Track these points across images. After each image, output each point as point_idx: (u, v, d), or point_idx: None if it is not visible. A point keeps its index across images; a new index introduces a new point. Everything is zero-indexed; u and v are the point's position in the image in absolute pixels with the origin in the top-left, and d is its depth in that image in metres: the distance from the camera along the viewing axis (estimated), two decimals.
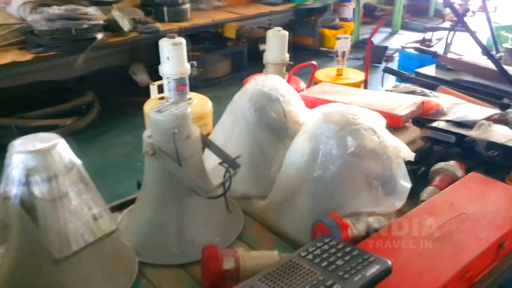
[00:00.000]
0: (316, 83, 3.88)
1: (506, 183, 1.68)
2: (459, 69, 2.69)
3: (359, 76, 4.19)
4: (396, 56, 5.80)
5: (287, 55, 3.58)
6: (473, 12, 8.00)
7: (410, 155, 1.50)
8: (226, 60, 5.90)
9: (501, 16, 7.32)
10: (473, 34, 2.46)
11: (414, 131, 1.96)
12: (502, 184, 1.60)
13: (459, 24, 4.07)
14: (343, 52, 4.07)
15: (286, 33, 3.53)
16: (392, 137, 1.50)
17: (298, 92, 2.02)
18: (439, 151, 1.95)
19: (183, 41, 3.27)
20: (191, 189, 1.31)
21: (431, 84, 2.63)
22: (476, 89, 2.48)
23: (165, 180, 1.33)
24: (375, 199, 1.43)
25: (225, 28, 6.29)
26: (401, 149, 1.48)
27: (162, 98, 3.50)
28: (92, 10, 3.97)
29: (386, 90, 2.40)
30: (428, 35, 4.83)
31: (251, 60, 5.96)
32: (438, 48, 4.89)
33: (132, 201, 1.55)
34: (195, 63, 3.50)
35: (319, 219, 1.34)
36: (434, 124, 2.00)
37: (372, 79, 5.87)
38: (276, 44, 3.50)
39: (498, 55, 3.27)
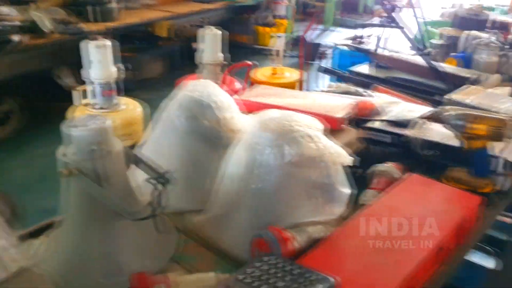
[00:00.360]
0: (252, 83, 3.81)
1: (442, 181, 1.69)
2: (392, 67, 2.72)
3: (295, 74, 4.17)
4: (329, 53, 5.85)
5: (221, 54, 3.48)
6: (400, 8, 8.29)
7: (349, 160, 1.46)
8: (159, 60, 5.71)
9: (427, 12, 7.64)
10: (402, 29, 2.49)
11: (350, 133, 1.93)
12: (440, 184, 1.60)
13: (389, 20, 4.16)
14: (278, 51, 4.03)
15: (219, 32, 3.43)
16: (330, 142, 1.44)
17: (234, 92, 1.93)
18: (376, 152, 1.94)
19: (107, 43, 3.06)
20: (115, 211, 1.18)
21: (366, 82, 2.64)
22: (409, 86, 2.51)
23: (85, 203, 1.19)
24: (316, 208, 1.36)
25: (156, 27, 6.07)
26: (339, 155, 1.43)
27: (87, 104, 3.27)
28: (6, 10, 3.66)
29: (322, 91, 2.37)
30: (360, 32, 4.90)
31: (186, 59, 5.80)
32: (370, 45, 5.00)
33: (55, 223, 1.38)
34: (122, 65, 3.29)
35: (258, 233, 1.25)
36: (370, 125, 1.98)
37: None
38: (208, 43, 3.39)
39: (426, 50, 3.36)
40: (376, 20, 6.26)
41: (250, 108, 1.93)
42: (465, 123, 1.59)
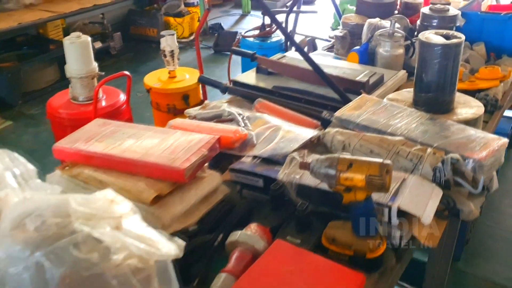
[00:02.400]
0: (148, 91, 3.30)
1: (322, 243, 1.29)
2: (280, 73, 2.29)
3: (197, 75, 3.67)
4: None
5: (95, 64, 2.93)
6: None
7: (176, 251, 1.01)
8: (51, 66, 5.02)
9: None
10: (280, 25, 2.05)
11: (213, 179, 1.48)
12: (311, 255, 1.18)
13: (296, 4, 3.74)
14: (171, 51, 3.51)
15: (88, 38, 2.87)
16: (145, 230, 0.98)
17: (117, 107, 1.40)
18: (245, 203, 1.51)
19: None
20: None
21: (251, 95, 2.20)
22: (299, 98, 2.09)
23: None
24: None
25: (48, 28, 5.36)
26: (156, 250, 0.97)
27: None
28: None
29: (189, 117, 1.90)
30: (268, 20, 4.47)
31: None
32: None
33: None
34: None
35: None
36: (238, 165, 1.55)
37: (219, 71, 5.41)
38: (76, 54, 2.83)
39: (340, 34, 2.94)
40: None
41: (72, 157, 1.46)
42: (337, 173, 1.18)
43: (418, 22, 2.84)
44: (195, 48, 3.50)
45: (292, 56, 2.48)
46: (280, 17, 4.51)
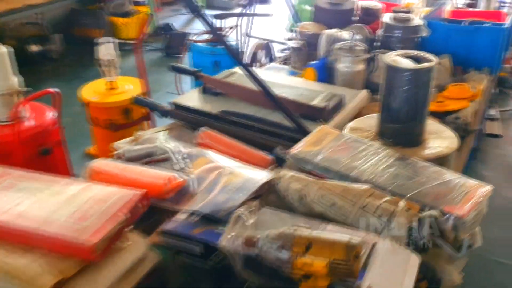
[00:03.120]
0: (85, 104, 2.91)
1: None
2: (229, 94, 1.99)
3: (138, 86, 3.32)
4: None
5: (14, 79, 2.53)
6: None
7: None
8: None
9: None
10: (222, 40, 1.75)
11: (137, 248, 1.18)
12: None
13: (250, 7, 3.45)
14: (110, 61, 3.14)
15: (4, 50, 2.46)
16: None
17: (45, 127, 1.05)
18: (181, 273, 1.21)
19: None
20: None
21: (196, 120, 1.89)
22: (251, 125, 1.81)
23: None
24: None
25: None
26: None
27: None
28: None
29: (118, 157, 1.56)
30: (219, 23, 4.15)
31: (21, 66, 4.66)
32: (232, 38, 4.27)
33: None
34: None
35: None
36: (170, 226, 1.24)
37: (169, 76, 4.98)
38: None
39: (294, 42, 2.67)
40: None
41: None
42: (291, 256, 0.90)
43: (380, 32, 2.61)
44: (135, 56, 3.13)
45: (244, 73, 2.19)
46: (234, 21, 4.24)
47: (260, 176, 1.40)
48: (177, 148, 1.55)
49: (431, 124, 1.70)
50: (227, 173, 1.42)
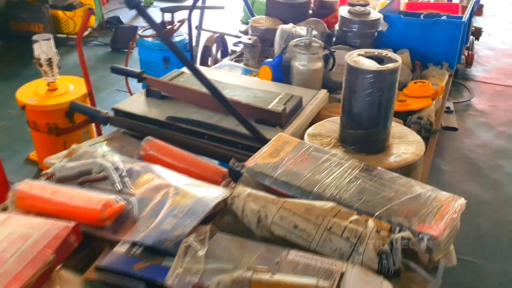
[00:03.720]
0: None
1: None
2: (176, 98, 1.81)
3: (83, 86, 3.06)
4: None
5: None
6: None
7: None
8: None
9: None
10: (163, 36, 1.57)
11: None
12: None
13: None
14: (49, 60, 2.87)
15: None
16: None
17: None
18: None
19: None
20: None
21: (140, 128, 1.71)
22: (202, 133, 1.64)
23: None
24: None
25: None
26: None
27: None
28: None
29: (47, 177, 1.36)
30: (168, 17, 3.93)
31: None
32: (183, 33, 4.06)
33: None
34: None
35: None
36: (107, 261, 1.06)
37: (111, 79, 4.66)
38: None
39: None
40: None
41: None
42: None
43: (337, 26, 2.50)
44: (78, 54, 2.88)
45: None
46: (184, 14, 4.01)
47: (213, 194, 1.24)
48: (117, 164, 1.37)
49: (394, 127, 1.59)
50: (174, 193, 1.25)
